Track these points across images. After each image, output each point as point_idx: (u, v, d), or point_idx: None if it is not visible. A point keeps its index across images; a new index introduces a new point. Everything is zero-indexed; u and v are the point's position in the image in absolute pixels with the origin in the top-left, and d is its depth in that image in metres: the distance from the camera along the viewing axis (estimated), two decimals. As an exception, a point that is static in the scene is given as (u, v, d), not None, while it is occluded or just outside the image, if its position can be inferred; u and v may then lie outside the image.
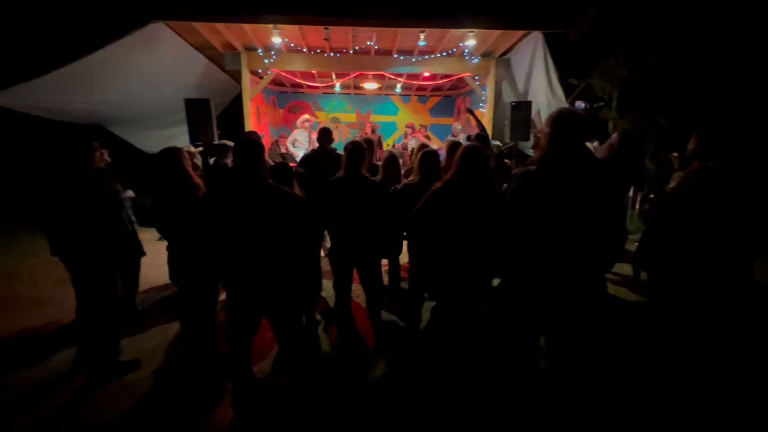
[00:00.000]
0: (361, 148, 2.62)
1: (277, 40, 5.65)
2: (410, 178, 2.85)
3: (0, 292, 3.99)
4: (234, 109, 7.36)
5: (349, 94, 9.84)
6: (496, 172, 2.99)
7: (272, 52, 6.35)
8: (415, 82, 8.20)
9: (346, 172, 2.62)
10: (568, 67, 5.73)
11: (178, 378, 2.55)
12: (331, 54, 6.46)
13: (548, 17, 5.40)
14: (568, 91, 5.87)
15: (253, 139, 1.98)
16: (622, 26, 5.08)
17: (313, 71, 7.23)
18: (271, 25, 5.24)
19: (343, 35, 5.81)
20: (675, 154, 3.55)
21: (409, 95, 9.98)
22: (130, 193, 3.74)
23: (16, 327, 3.22)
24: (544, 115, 6.17)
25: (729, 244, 1.95)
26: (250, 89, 6.62)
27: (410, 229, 2.58)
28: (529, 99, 6.26)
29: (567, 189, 1.60)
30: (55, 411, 2.24)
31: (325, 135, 3.74)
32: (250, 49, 6.39)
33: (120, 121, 6.01)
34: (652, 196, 2.67)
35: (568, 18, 5.26)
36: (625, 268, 4.10)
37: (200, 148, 4.95)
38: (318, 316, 3.31)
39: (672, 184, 3.09)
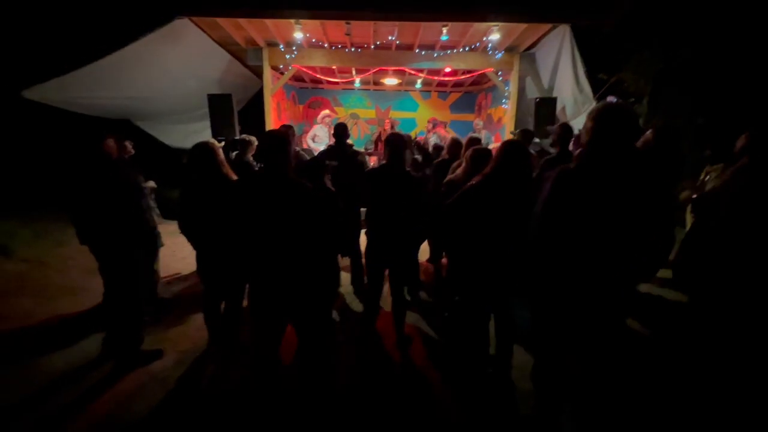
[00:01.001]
0: (404, 139, 2.59)
1: (298, 35, 5.64)
2: (457, 174, 2.79)
3: (35, 279, 4.16)
4: (255, 104, 7.43)
5: (369, 89, 9.79)
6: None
7: (293, 48, 6.35)
8: (436, 78, 8.09)
9: (389, 162, 2.59)
10: (597, 62, 5.50)
11: (201, 369, 2.58)
12: (352, 49, 6.42)
13: (578, 7, 5.17)
14: (596, 86, 5.64)
15: (279, 134, 1.96)
16: (657, 16, 4.83)
17: (334, 66, 7.20)
18: (293, 20, 5.23)
19: (364, 30, 5.75)
20: (708, 153, 3.36)
21: (429, 91, 9.86)
22: (151, 184, 3.82)
23: (50, 313, 3.35)
24: (570, 111, 5.96)
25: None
26: (271, 85, 6.66)
27: (441, 224, 2.50)
28: (554, 95, 6.07)
29: (610, 189, 1.51)
30: (83, 396, 2.30)
31: (341, 131, 3.71)
32: (272, 45, 6.41)
33: (146, 115, 6.17)
34: (694, 196, 2.51)
35: (599, 8, 5.02)
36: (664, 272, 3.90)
37: (222, 143, 5.01)
38: (335, 315, 3.29)
39: (709, 184, 2.93)
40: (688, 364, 2.37)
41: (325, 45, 6.33)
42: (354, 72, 7.97)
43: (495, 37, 5.58)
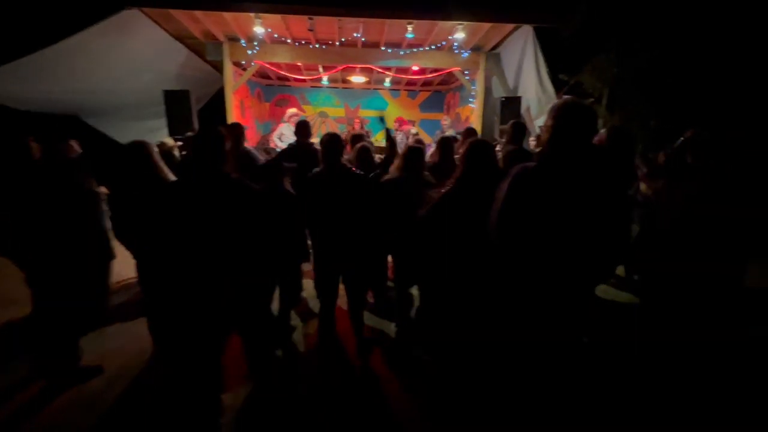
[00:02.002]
0: (339, 140, 2.49)
1: (259, 30, 5.44)
2: (392, 174, 2.72)
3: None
4: (218, 101, 7.13)
5: (337, 88, 9.65)
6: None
7: (255, 43, 6.13)
8: (404, 76, 8.06)
9: (326, 165, 2.48)
10: (559, 63, 5.64)
11: (144, 385, 2.40)
12: (317, 45, 6.27)
13: (539, 11, 5.29)
14: (558, 87, 5.78)
15: (213, 130, 1.83)
16: (613, 23, 5.00)
17: (299, 63, 7.03)
18: (252, 14, 5.04)
19: (328, 26, 5.63)
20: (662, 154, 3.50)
21: (399, 90, 9.83)
22: (103, 189, 3.55)
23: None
24: (534, 111, 6.08)
25: (725, 249, 1.87)
26: (233, 81, 6.41)
27: (416, 235, 2.40)
28: (519, 95, 6.17)
29: (570, 189, 1.48)
30: (4, 422, 2.08)
31: (303, 129, 3.59)
32: (233, 40, 6.16)
33: (96, 111, 5.76)
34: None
35: (559, 12, 5.16)
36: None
37: (180, 143, 4.75)
38: (297, 321, 3.17)
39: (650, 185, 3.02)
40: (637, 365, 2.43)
41: (289, 41, 6.15)
42: (321, 69, 7.81)
43: (460, 36, 5.60)
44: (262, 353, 2.04)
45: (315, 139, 4.46)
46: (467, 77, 6.87)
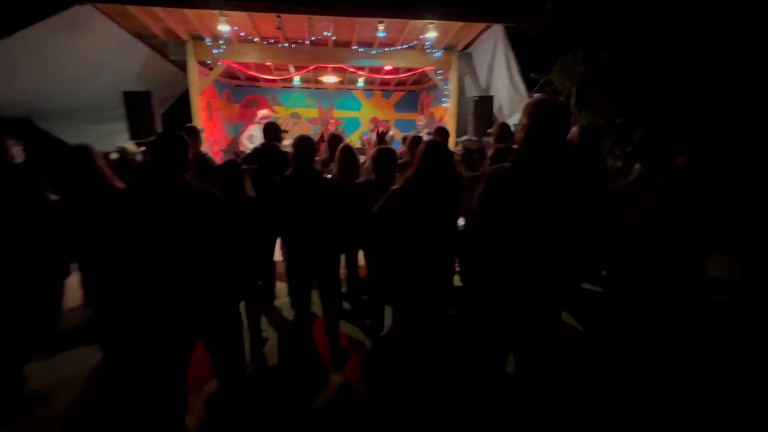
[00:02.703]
0: (311, 143, 2.39)
1: (224, 28, 5.23)
2: (365, 177, 2.65)
3: None
4: (184, 103, 6.83)
5: (310, 88, 9.47)
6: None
7: (221, 42, 5.89)
8: (377, 76, 7.99)
9: (296, 169, 2.38)
10: (530, 62, 5.71)
11: (97, 412, 2.21)
12: (286, 45, 6.10)
13: (509, 11, 5.34)
14: (529, 86, 5.86)
15: (174, 134, 1.70)
16: (579, 23, 5.10)
17: (268, 63, 6.82)
18: (217, 12, 4.83)
19: (297, 24, 5.48)
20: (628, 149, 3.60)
21: (373, 90, 9.75)
22: (53, 197, 3.28)
23: None
24: (506, 110, 6.15)
25: (690, 243, 1.89)
26: (198, 82, 6.14)
27: (369, 233, 2.37)
28: (491, 94, 6.22)
29: (546, 186, 1.45)
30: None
31: (270, 131, 3.45)
32: (197, 38, 5.91)
33: (50, 114, 5.38)
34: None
35: (528, 12, 5.21)
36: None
37: (143, 148, 4.49)
38: (271, 332, 3.04)
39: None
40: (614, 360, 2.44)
41: (256, 39, 5.95)
42: (292, 69, 7.63)
43: (432, 35, 5.57)
44: (232, 367, 1.91)
45: (289, 141, 4.34)
46: (440, 77, 6.86)
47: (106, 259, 1.92)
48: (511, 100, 6.08)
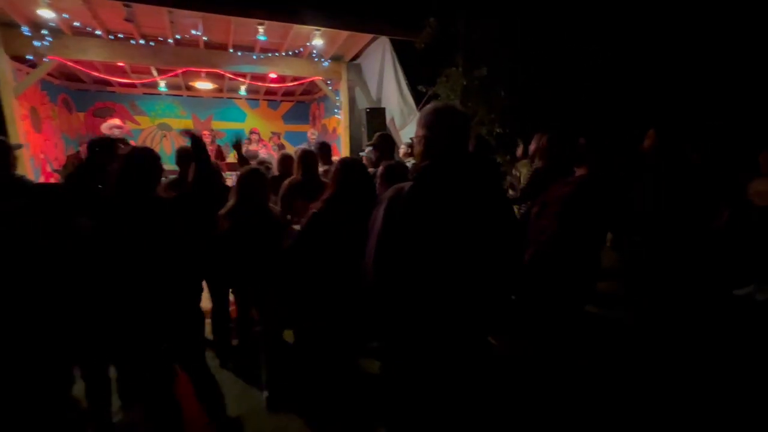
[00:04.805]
0: (149, 158, 1.78)
1: (47, 13, 4.06)
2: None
3: None
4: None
5: (181, 95, 8.22)
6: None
7: (45, 32, 4.59)
8: (261, 84, 7.31)
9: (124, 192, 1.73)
10: (418, 75, 5.82)
11: None
12: (142, 42, 5.08)
13: (393, 23, 5.35)
14: (418, 98, 5.97)
15: None
16: (458, 37, 5.37)
17: (120, 63, 5.62)
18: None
19: (155, 19, 4.58)
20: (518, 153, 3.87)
21: (258, 99, 8.98)
22: None
23: None
24: (398, 122, 6.16)
25: (589, 245, 1.91)
26: (13, 82, 4.67)
27: (291, 263, 2.04)
28: (382, 106, 6.18)
29: (458, 203, 1.23)
30: None
31: (101, 147, 2.60)
32: (8, 25, 4.50)
33: None
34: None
35: (412, 25, 5.29)
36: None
37: None
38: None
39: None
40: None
41: (99, 32, 4.81)
42: (155, 72, 6.46)
43: (318, 42, 5.26)
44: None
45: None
46: (330, 87, 6.59)
47: None
48: (402, 111, 6.12)
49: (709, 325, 2.75)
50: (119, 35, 4.95)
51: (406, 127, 6.05)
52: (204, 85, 7.26)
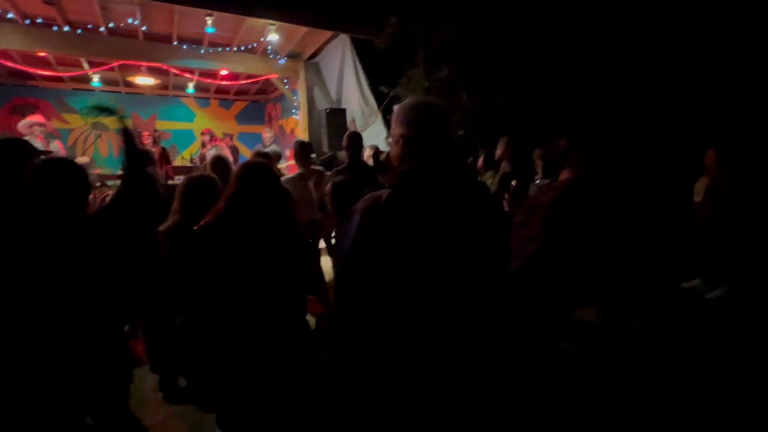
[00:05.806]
0: (65, 169, 1.41)
1: (-59, -10, 3.42)
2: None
3: None
4: None
5: (119, 92, 7.44)
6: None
7: (-58, 13, 3.90)
8: (211, 81, 6.79)
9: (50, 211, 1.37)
10: (379, 75, 5.65)
11: None
12: (66, 29, 4.48)
13: (354, 20, 5.15)
14: (380, 99, 5.81)
15: None
16: (420, 38, 5.29)
17: (42, 53, 4.93)
18: None
19: (83, 4, 4.04)
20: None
21: (208, 98, 8.37)
22: None
23: None
24: (359, 122, 5.96)
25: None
26: None
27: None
28: (342, 106, 5.95)
29: (446, 220, 1.06)
30: None
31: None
32: None
33: None
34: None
35: (373, 24, 5.12)
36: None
37: None
38: None
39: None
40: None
41: (11, 15, 4.15)
42: (86, 64, 5.76)
43: (274, 38, 4.93)
44: None
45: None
46: (287, 86, 6.25)
47: None
48: (363, 112, 5.93)
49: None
50: (38, 20, 4.31)
51: (368, 128, 5.87)
52: (145, 80, 6.62)
